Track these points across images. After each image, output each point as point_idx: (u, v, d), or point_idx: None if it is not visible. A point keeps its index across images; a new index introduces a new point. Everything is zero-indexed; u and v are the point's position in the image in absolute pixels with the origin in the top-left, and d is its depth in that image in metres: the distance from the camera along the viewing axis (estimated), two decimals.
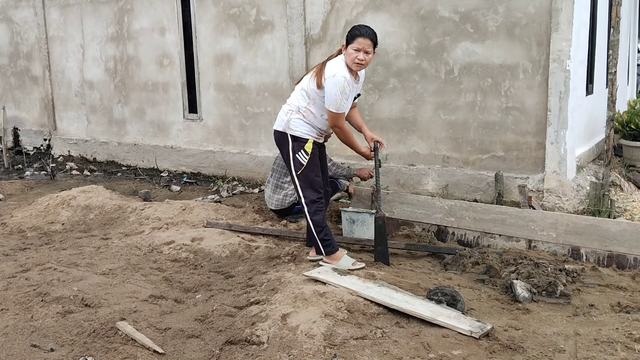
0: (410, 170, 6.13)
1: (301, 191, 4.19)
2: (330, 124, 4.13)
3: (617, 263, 4.38)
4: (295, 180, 4.20)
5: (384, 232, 4.41)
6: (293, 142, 4.17)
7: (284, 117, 4.20)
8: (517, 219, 4.78)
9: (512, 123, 5.56)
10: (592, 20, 6.19)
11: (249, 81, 7.24)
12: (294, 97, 4.23)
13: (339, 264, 4.13)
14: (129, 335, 3.19)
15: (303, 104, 4.15)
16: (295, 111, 4.17)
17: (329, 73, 3.98)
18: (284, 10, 6.77)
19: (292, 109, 4.18)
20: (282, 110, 4.28)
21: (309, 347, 2.97)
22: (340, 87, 3.94)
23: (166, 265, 4.40)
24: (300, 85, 4.22)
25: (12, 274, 4.12)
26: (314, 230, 4.18)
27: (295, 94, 4.22)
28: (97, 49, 8.72)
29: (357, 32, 3.98)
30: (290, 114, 4.17)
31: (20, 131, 10.25)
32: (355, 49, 3.97)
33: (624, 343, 3.10)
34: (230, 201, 6.44)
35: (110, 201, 6.03)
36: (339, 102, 3.99)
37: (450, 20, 5.73)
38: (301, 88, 4.19)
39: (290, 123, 4.16)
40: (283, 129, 4.19)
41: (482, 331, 3.18)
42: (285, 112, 4.21)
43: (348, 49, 4.00)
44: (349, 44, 3.99)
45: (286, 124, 4.17)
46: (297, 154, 4.16)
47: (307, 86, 4.13)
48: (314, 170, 4.20)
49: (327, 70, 4.00)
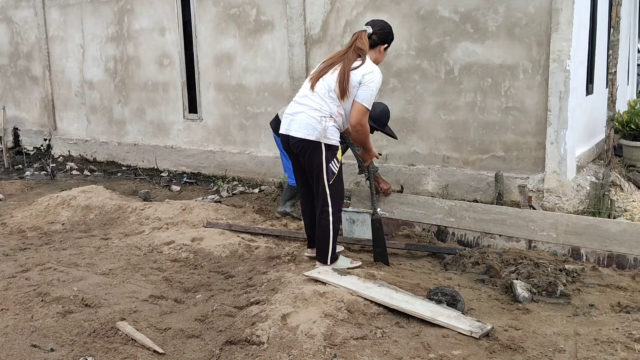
0: (410, 170, 6.13)
1: (330, 200, 3.99)
2: (355, 121, 3.90)
3: (617, 263, 4.38)
4: (326, 189, 3.97)
5: (382, 233, 4.40)
6: (327, 151, 3.92)
7: (318, 126, 3.86)
8: (517, 219, 4.78)
9: (512, 123, 5.56)
10: (592, 20, 6.19)
11: (249, 81, 7.24)
12: (321, 101, 3.89)
13: (337, 265, 4.11)
14: (129, 335, 3.19)
15: (334, 108, 3.90)
16: (328, 117, 3.88)
17: (367, 70, 3.85)
18: (284, 10, 6.77)
19: (325, 115, 3.87)
20: (310, 116, 3.89)
21: (309, 347, 2.97)
22: (378, 83, 3.90)
23: (166, 265, 4.40)
24: (326, 86, 3.89)
25: (12, 274, 4.12)
26: (331, 238, 4.04)
27: (322, 96, 3.89)
28: (97, 49, 8.73)
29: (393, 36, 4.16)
30: (325, 122, 3.86)
31: (20, 131, 10.26)
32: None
33: (624, 343, 3.10)
34: (230, 201, 6.44)
35: (110, 201, 6.02)
36: (373, 98, 3.91)
37: (450, 20, 5.73)
38: (329, 89, 3.87)
39: (327, 132, 3.87)
40: (317, 138, 3.87)
41: (482, 331, 3.18)
42: (319, 120, 3.86)
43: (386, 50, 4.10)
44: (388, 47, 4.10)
45: (321, 132, 3.86)
46: (330, 163, 3.94)
47: (336, 88, 3.86)
48: (342, 179, 4.09)
49: (366, 68, 3.87)
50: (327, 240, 4.05)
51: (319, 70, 3.98)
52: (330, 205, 4.00)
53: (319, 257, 4.13)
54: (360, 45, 3.91)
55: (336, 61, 3.93)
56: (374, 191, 4.52)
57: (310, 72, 4.14)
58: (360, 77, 3.83)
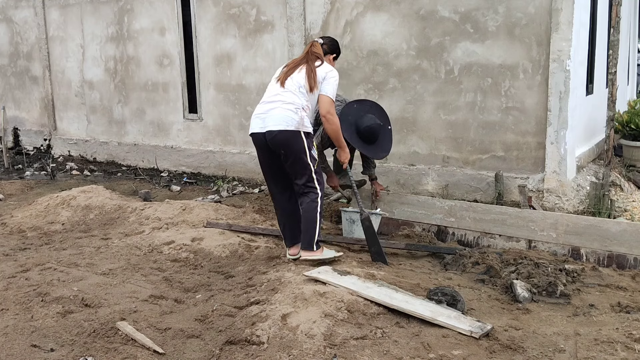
0: (410, 170, 6.13)
1: (317, 184, 4.26)
2: (325, 111, 4.28)
3: (617, 263, 4.38)
4: (313, 175, 4.24)
5: (373, 231, 4.47)
6: (307, 138, 4.22)
7: (295, 116, 4.18)
8: (517, 219, 4.78)
9: (512, 123, 5.56)
10: (592, 20, 6.19)
11: (249, 81, 7.24)
12: (293, 96, 4.26)
13: (324, 253, 4.23)
14: (129, 335, 3.19)
15: (304, 101, 4.26)
16: (301, 109, 4.23)
17: (328, 68, 4.38)
18: (284, 10, 6.77)
19: (298, 107, 4.22)
20: (286, 109, 4.23)
21: (309, 347, 2.97)
22: (337, 78, 4.40)
23: (166, 265, 4.40)
24: (296, 83, 4.28)
25: (12, 274, 4.12)
26: (318, 223, 4.23)
27: (293, 92, 4.27)
28: (97, 49, 8.73)
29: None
30: (299, 112, 4.21)
31: (20, 131, 10.26)
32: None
33: (624, 343, 3.10)
34: (230, 201, 6.44)
35: (110, 201, 6.02)
36: (335, 91, 4.35)
37: (450, 20, 5.73)
38: (299, 85, 4.28)
39: (303, 120, 4.22)
40: (296, 127, 4.18)
41: (482, 331, 3.18)
42: (294, 111, 4.20)
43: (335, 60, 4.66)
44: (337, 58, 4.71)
45: (299, 122, 4.18)
46: (311, 150, 4.25)
47: (305, 84, 4.29)
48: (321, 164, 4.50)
49: (326, 66, 4.39)
50: (315, 225, 4.22)
51: (284, 72, 4.39)
52: (318, 189, 4.26)
53: (305, 246, 4.25)
54: (315, 50, 4.45)
55: (299, 63, 4.39)
56: (356, 190, 4.65)
57: (273, 77, 4.47)
58: (324, 73, 4.32)
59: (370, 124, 4.89)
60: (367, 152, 5.05)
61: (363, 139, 4.91)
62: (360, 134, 4.89)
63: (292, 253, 4.38)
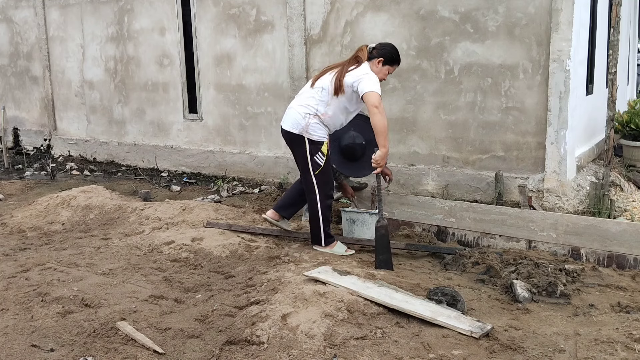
0: (410, 170, 6.13)
1: (317, 189, 4.43)
2: (371, 104, 4.16)
3: (617, 263, 4.38)
4: (312, 179, 4.42)
5: (387, 241, 4.34)
6: (310, 145, 4.36)
7: (301, 121, 4.31)
8: (517, 220, 4.78)
9: (512, 123, 5.56)
10: (592, 20, 6.19)
11: (249, 81, 7.25)
12: (311, 99, 4.32)
13: (334, 249, 4.51)
14: (129, 335, 3.19)
15: (322, 107, 4.30)
16: (313, 115, 4.30)
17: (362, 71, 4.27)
18: (284, 10, 6.77)
19: (310, 113, 4.31)
20: (297, 111, 4.34)
21: (309, 347, 2.97)
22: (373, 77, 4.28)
23: (166, 265, 4.40)
24: (323, 85, 4.33)
25: (12, 274, 4.12)
26: (322, 224, 4.43)
27: (313, 95, 4.33)
28: (97, 49, 8.73)
29: (399, 58, 4.52)
30: (308, 118, 4.31)
31: (20, 131, 10.26)
32: (389, 72, 4.49)
33: (624, 343, 3.10)
34: (230, 201, 6.44)
35: (110, 201, 6.02)
36: (376, 85, 4.22)
37: (450, 20, 5.74)
38: (323, 87, 4.31)
39: (309, 127, 4.30)
40: (300, 132, 4.32)
41: (482, 331, 3.18)
42: (303, 116, 4.31)
43: (385, 66, 4.41)
44: (389, 65, 4.43)
45: (304, 127, 4.30)
46: (314, 156, 4.38)
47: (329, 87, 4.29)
48: (329, 170, 4.52)
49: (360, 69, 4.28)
50: (318, 225, 4.50)
51: (321, 72, 4.51)
52: (317, 194, 4.44)
53: (314, 241, 4.61)
54: (358, 54, 4.42)
55: (337, 66, 4.44)
56: (382, 197, 4.51)
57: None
58: (355, 77, 4.26)
59: (356, 141, 5.08)
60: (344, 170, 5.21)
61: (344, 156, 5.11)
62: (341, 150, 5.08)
63: (268, 214, 4.76)
